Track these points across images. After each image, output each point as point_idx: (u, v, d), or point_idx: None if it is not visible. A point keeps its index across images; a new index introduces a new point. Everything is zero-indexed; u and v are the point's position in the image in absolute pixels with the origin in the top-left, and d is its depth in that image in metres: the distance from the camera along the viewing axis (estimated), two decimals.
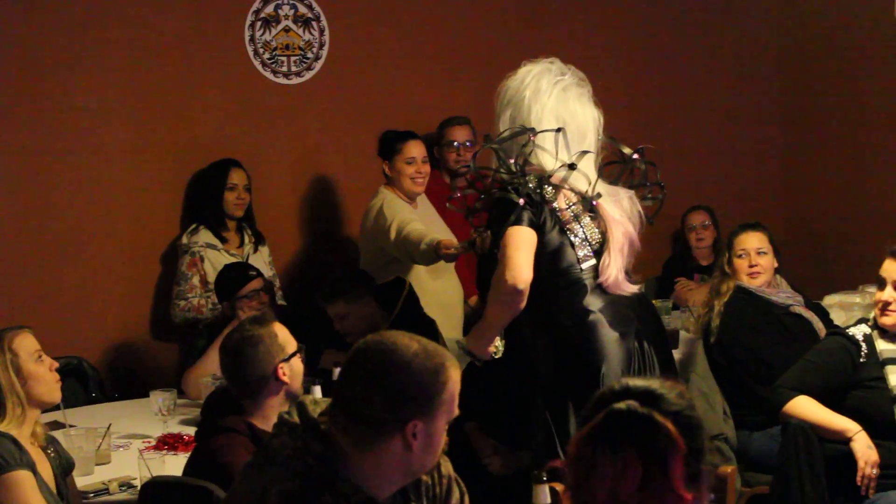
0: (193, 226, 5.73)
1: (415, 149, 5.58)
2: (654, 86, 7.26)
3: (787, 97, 7.69)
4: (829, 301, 5.83)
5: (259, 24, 6.18)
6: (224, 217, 5.76)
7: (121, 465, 4.02)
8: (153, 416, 4.43)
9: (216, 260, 5.58)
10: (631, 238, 3.77)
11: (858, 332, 4.15)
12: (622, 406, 2.04)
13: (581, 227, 3.74)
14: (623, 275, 3.75)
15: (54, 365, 3.56)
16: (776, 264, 5.10)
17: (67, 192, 5.77)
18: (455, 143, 6.13)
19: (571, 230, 3.73)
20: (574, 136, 3.78)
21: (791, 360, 4.36)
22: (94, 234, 5.84)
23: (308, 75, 6.32)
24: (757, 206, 7.26)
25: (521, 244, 3.65)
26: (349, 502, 2.41)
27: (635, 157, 3.89)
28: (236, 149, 6.00)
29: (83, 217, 5.82)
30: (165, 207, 5.97)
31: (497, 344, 3.81)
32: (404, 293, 5.00)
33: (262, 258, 5.79)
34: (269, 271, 5.76)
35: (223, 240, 5.72)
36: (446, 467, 2.69)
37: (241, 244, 5.79)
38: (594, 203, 3.75)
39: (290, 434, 2.46)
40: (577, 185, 3.76)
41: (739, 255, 5.05)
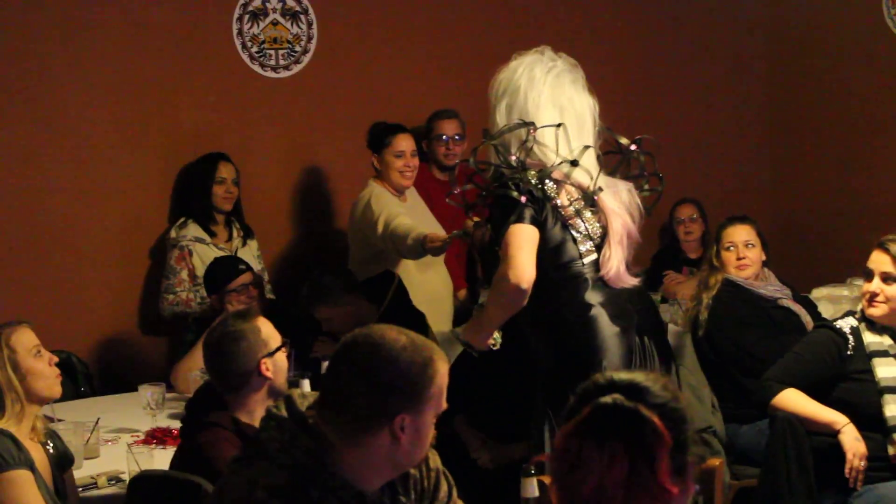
0: (182, 220, 5.72)
1: (404, 142, 5.58)
2: (643, 79, 7.26)
3: (776, 92, 7.70)
4: (817, 294, 5.85)
5: (247, 17, 6.17)
6: (212, 211, 5.76)
7: (109, 459, 4.02)
8: (142, 411, 4.42)
9: (205, 254, 5.57)
10: (629, 230, 3.74)
11: (845, 324, 4.15)
12: (608, 400, 2.04)
13: (583, 221, 3.71)
14: (624, 267, 3.73)
15: (54, 359, 3.55)
16: (764, 257, 5.10)
17: (55, 187, 5.75)
18: (444, 137, 6.12)
19: (573, 225, 3.70)
20: (573, 121, 3.74)
21: (779, 354, 4.36)
22: (82, 228, 5.82)
23: (296, 69, 6.31)
24: (745, 199, 7.27)
25: (524, 243, 3.62)
26: (337, 496, 2.41)
27: (633, 147, 3.87)
28: (225, 142, 5.99)
29: (71, 211, 5.80)
30: (154, 201, 5.96)
31: (496, 336, 3.80)
32: (393, 286, 5.00)
33: (251, 252, 5.78)
34: (258, 265, 5.75)
35: (212, 234, 5.71)
36: (434, 461, 2.69)
37: (230, 238, 5.79)
38: (595, 198, 3.73)
39: (278, 428, 2.46)
40: (579, 179, 3.73)
41: (727, 248, 5.05)
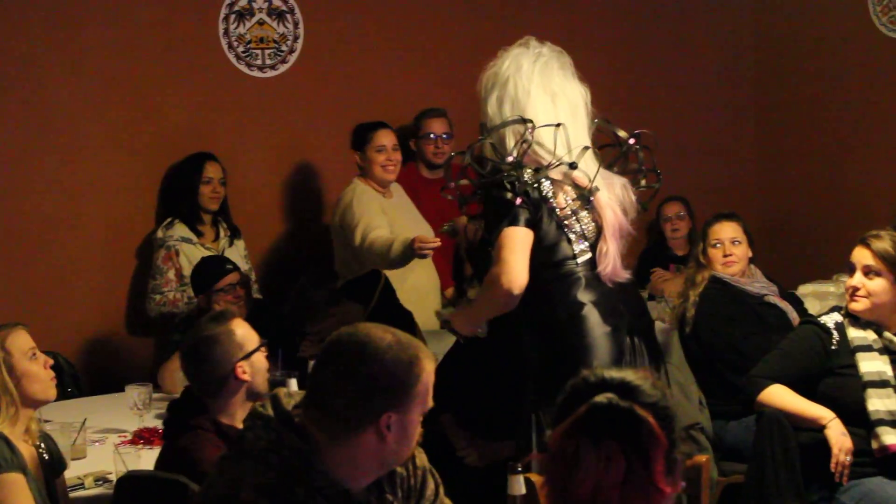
0: (168, 220, 5.71)
1: (385, 137, 5.65)
2: (630, 77, 7.27)
3: (763, 90, 7.72)
4: (803, 290, 5.86)
5: (233, 17, 6.17)
6: (199, 211, 5.75)
7: (96, 459, 4.01)
8: (129, 411, 4.41)
9: (191, 254, 5.56)
10: (621, 223, 3.71)
11: (830, 320, 4.17)
12: (603, 399, 2.04)
13: (578, 221, 3.68)
14: (620, 260, 3.72)
15: (49, 362, 3.53)
16: (750, 254, 5.11)
17: (42, 187, 5.74)
18: (432, 135, 6.14)
19: (569, 226, 3.67)
20: (566, 108, 3.71)
21: (765, 350, 4.36)
22: (69, 228, 5.81)
23: (283, 68, 6.31)
24: (732, 196, 7.29)
25: (517, 246, 3.60)
26: (323, 494, 2.41)
27: (632, 141, 3.84)
28: (211, 142, 5.99)
29: (58, 212, 5.79)
30: (140, 201, 5.95)
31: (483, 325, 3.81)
32: (380, 286, 4.99)
33: (238, 252, 5.78)
34: (245, 265, 5.75)
35: (198, 233, 5.71)
36: (421, 459, 2.69)
37: (217, 238, 5.78)
38: (591, 199, 3.70)
39: (265, 427, 2.46)
40: (577, 177, 3.70)
41: (714, 245, 5.06)
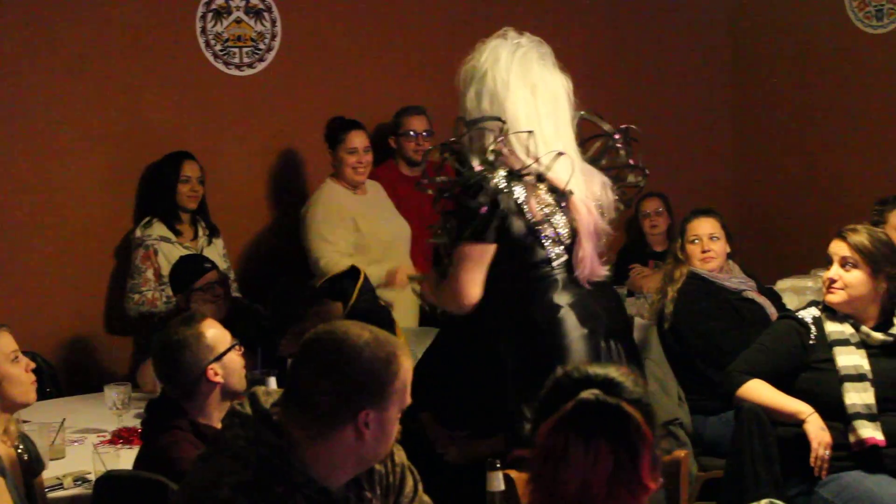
0: (147, 219, 5.70)
1: (356, 139, 5.72)
2: (607, 74, 7.27)
3: (740, 86, 7.76)
4: (781, 285, 5.88)
5: (210, 15, 6.15)
6: (178, 210, 5.74)
7: (75, 459, 4.01)
8: (108, 411, 4.41)
9: (170, 253, 5.55)
10: (595, 222, 3.64)
11: (808, 314, 4.18)
12: (590, 396, 2.05)
13: (552, 226, 3.60)
14: (597, 259, 3.66)
15: (31, 366, 3.53)
16: (729, 249, 5.13)
17: (18, 186, 5.72)
18: (412, 133, 6.16)
19: (542, 231, 3.59)
20: (547, 100, 3.63)
21: (744, 345, 4.37)
22: (46, 228, 5.79)
23: (260, 66, 6.29)
24: (710, 192, 7.31)
25: (470, 263, 3.57)
26: (302, 492, 2.41)
27: (616, 136, 3.79)
28: (189, 141, 5.97)
29: (36, 211, 5.76)
30: (118, 201, 5.93)
31: None
32: (359, 283, 4.99)
33: (217, 251, 5.77)
34: (224, 264, 5.74)
35: (177, 233, 5.69)
36: (400, 456, 2.69)
37: (195, 237, 5.77)
38: (563, 204, 3.62)
39: (242, 425, 2.46)
40: (553, 177, 3.60)
41: (692, 241, 5.08)
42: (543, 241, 3.61)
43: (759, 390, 4.11)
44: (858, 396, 3.95)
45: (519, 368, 3.63)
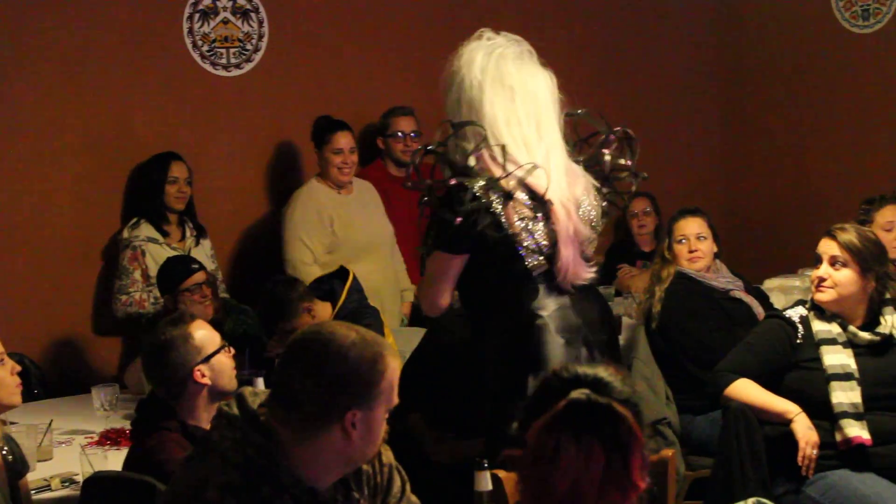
0: (134, 220, 5.69)
1: (342, 139, 5.76)
2: (595, 74, 7.28)
3: (727, 86, 7.77)
4: (769, 285, 5.88)
5: (197, 16, 6.14)
6: (165, 211, 5.73)
7: (63, 461, 4.00)
8: (95, 412, 4.40)
9: (157, 254, 5.54)
10: (575, 226, 3.55)
11: (795, 313, 4.18)
12: (581, 396, 2.05)
13: (531, 234, 3.50)
14: (580, 264, 3.58)
15: (16, 368, 3.52)
16: (716, 249, 5.14)
17: (5, 187, 5.71)
18: (400, 134, 6.18)
19: (521, 240, 3.49)
20: (526, 98, 3.54)
21: (731, 344, 4.37)
22: (34, 229, 5.78)
23: (247, 67, 6.29)
24: (698, 192, 7.32)
25: (441, 273, 3.55)
26: (289, 493, 2.41)
27: (612, 137, 3.73)
28: (176, 142, 5.96)
29: (23, 212, 5.76)
30: (106, 202, 5.93)
31: None
32: (348, 283, 4.99)
33: (205, 251, 5.76)
34: (212, 264, 5.73)
35: (164, 233, 5.69)
36: (387, 456, 2.69)
37: (183, 238, 5.76)
38: (540, 214, 3.53)
39: (229, 426, 2.46)
40: (532, 185, 3.52)
41: (679, 241, 5.08)
42: (521, 252, 3.52)
43: (746, 389, 4.11)
44: (845, 395, 3.95)
45: (498, 373, 3.60)
